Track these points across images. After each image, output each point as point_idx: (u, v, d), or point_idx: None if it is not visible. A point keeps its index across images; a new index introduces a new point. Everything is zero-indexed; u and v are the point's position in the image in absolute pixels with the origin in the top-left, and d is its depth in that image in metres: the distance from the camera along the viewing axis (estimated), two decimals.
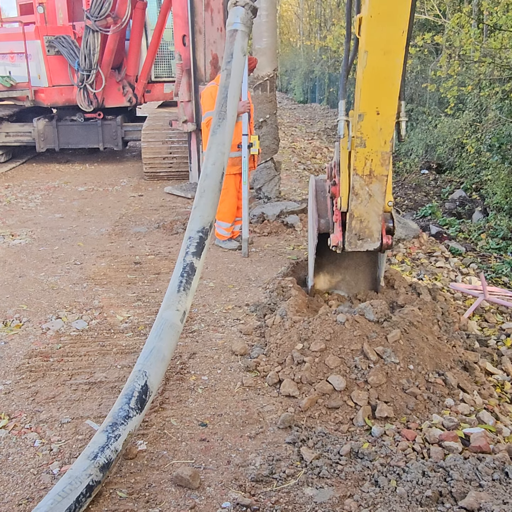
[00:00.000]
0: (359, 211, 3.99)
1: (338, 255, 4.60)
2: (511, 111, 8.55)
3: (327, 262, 4.78)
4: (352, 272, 4.84)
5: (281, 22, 29.90)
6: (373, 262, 4.76)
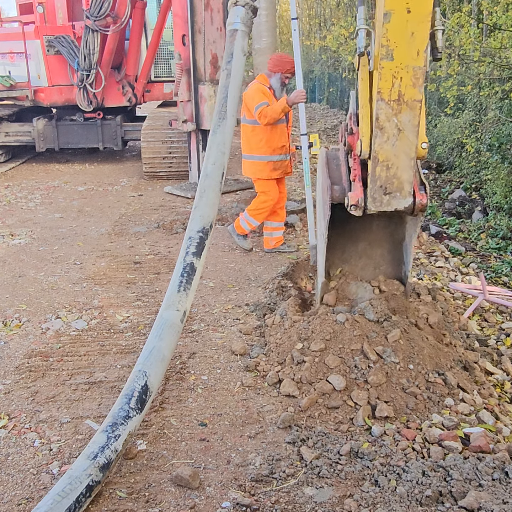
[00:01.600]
0: (385, 152, 3.20)
1: (354, 240, 3.99)
2: (511, 111, 8.55)
3: (339, 261, 4.19)
4: (371, 273, 4.20)
5: (280, 22, 29.88)
6: (398, 247, 4.01)
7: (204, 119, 8.10)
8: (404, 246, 3.93)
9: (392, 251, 4.03)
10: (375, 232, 4.05)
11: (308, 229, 5.30)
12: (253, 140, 5.57)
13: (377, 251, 4.09)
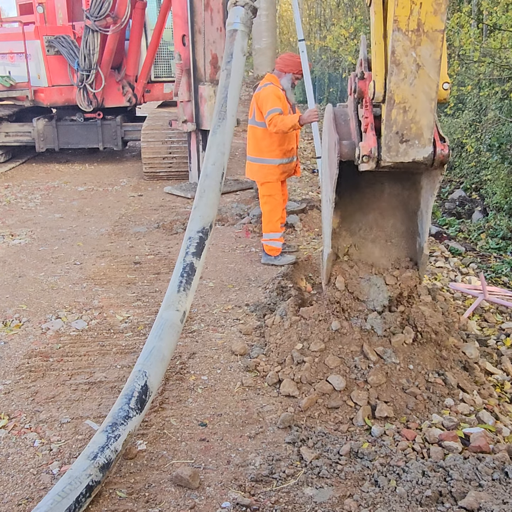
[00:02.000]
0: (401, 92, 2.86)
1: (364, 209, 3.68)
2: (511, 111, 8.54)
3: (347, 233, 3.85)
4: (382, 246, 3.84)
5: (280, 22, 29.87)
6: (412, 216, 3.71)
7: (204, 119, 8.10)
8: (419, 215, 3.63)
9: (406, 221, 3.73)
10: (387, 200, 3.74)
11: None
12: (264, 143, 5.36)
13: (389, 222, 3.78)
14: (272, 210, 5.50)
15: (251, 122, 5.46)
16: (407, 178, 3.40)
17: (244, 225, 6.75)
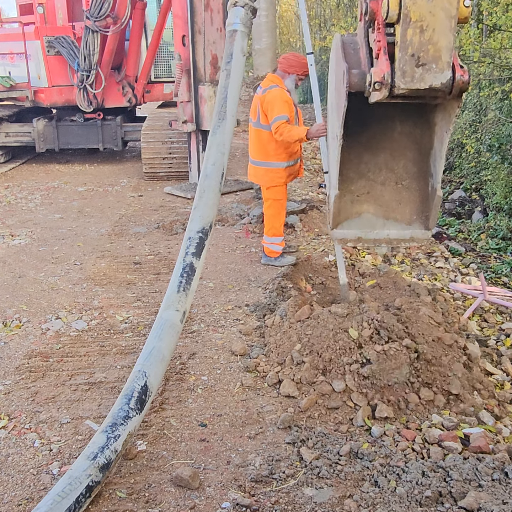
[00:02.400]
0: (418, 9, 2.63)
1: (373, 150, 3.48)
2: (511, 111, 8.55)
3: (355, 175, 3.64)
4: (392, 188, 3.64)
5: (280, 23, 29.86)
6: (424, 156, 3.51)
7: (204, 120, 8.10)
8: (432, 155, 3.45)
9: (418, 161, 3.54)
10: (398, 140, 3.55)
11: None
12: (270, 147, 5.20)
13: (400, 163, 3.60)
14: (277, 214, 5.43)
15: (256, 125, 5.28)
16: (419, 115, 3.20)
17: (244, 225, 6.75)
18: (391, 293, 4.89)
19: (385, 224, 3.58)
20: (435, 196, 3.39)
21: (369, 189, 3.60)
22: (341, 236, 3.63)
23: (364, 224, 3.60)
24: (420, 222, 3.54)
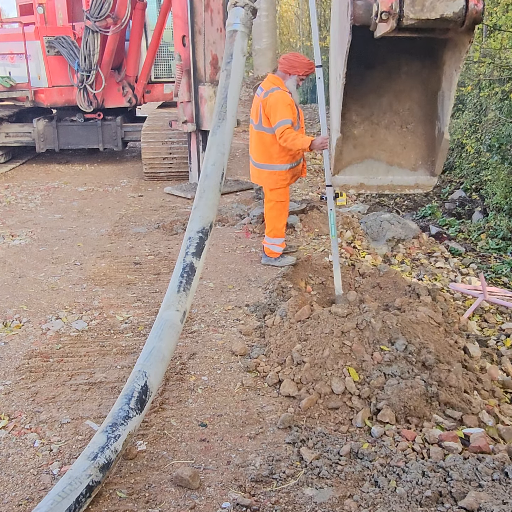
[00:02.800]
0: None
1: (377, 91, 3.31)
2: (511, 112, 8.55)
3: (358, 118, 3.48)
4: (396, 132, 3.46)
5: (280, 23, 29.87)
6: (431, 98, 3.35)
7: (204, 120, 8.10)
8: (439, 96, 3.29)
9: (424, 104, 3.38)
10: (403, 81, 3.38)
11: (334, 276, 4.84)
12: (274, 149, 5.15)
13: (405, 105, 3.45)
14: (279, 216, 5.41)
15: (258, 127, 5.21)
16: (427, 53, 3.04)
17: (244, 225, 6.75)
18: (391, 293, 4.89)
19: (389, 170, 3.47)
20: (442, 139, 3.22)
21: (372, 133, 3.44)
22: (342, 182, 3.52)
23: (367, 170, 3.49)
24: (426, 168, 3.42)
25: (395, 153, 3.40)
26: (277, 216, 5.42)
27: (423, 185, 3.45)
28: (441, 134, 3.24)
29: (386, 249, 6.29)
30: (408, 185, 3.45)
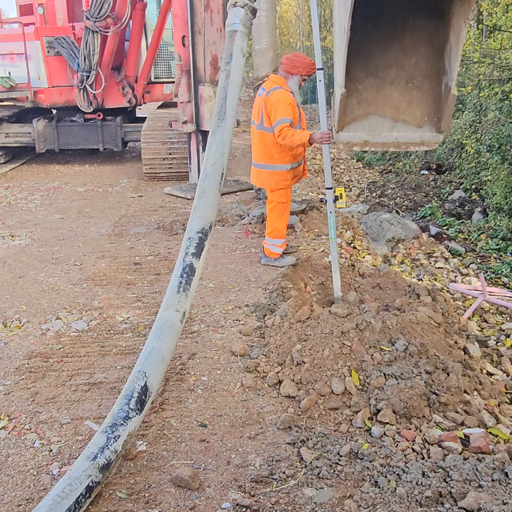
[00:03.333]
0: None
1: (382, 46, 3.23)
2: (511, 112, 8.55)
3: (363, 73, 3.35)
4: (402, 87, 3.36)
5: (280, 23, 29.86)
6: (438, 53, 3.23)
7: (204, 120, 8.10)
8: (447, 50, 3.22)
9: (431, 58, 3.29)
10: (410, 34, 3.30)
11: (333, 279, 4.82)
12: (275, 149, 5.14)
13: (411, 60, 3.34)
14: (280, 217, 5.41)
15: (259, 127, 5.21)
16: (435, 5, 2.96)
17: (244, 225, 6.75)
18: (391, 294, 4.89)
19: (394, 126, 3.39)
20: (449, 95, 3.14)
21: (377, 88, 3.35)
22: (346, 140, 3.44)
23: (371, 127, 3.42)
24: (432, 125, 3.35)
25: (401, 109, 3.32)
26: (278, 217, 5.42)
27: (429, 142, 3.38)
28: (448, 89, 3.15)
29: (386, 250, 6.30)
30: (414, 142, 3.38)
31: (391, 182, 10.48)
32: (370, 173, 11.36)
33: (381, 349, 3.62)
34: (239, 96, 4.29)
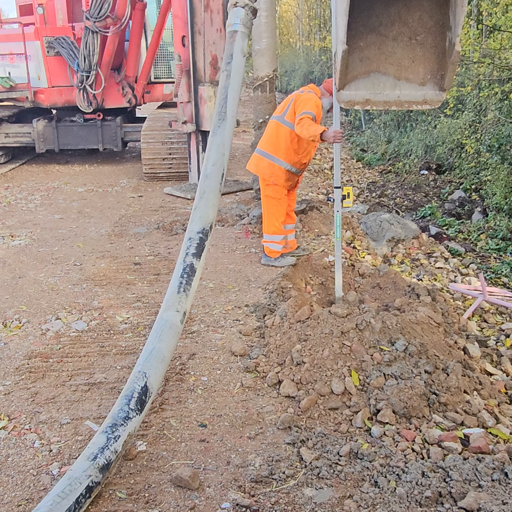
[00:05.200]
0: None
1: (385, 5, 3.13)
2: (511, 112, 8.56)
3: (365, 29, 3.26)
4: (405, 44, 3.26)
5: (280, 23, 29.86)
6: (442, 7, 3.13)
7: (204, 120, 8.11)
8: (451, 4, 3.13)
9: (435, 13, 3.20)
10: None
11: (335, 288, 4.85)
12: (284, 144, 5.24)
13: (415, 15, 3.26)
14: (275, 212, 5.43)
15: (279, 119, 5.32)
16: None
17: (244, 226, 6.75)
18: (391, 294, 4.89)
19: (396, 84, 3.32)
20: (453, 51, 3.08)
21: (379, 45, 3.26)
22: (348, 98, 3.38)
23: (373, 85, 3.34)
24: (435, 82, 3.28)
25: (403, 67, 3.24)
26: (273, 212, 5.45)
27: (432, 101, 3.32)
28: (452, 45, 3.09)
29: (386, 250, 6.30)
30: (416, 100, 3.32)
31: (391, 182, 10.48)
32: (370, 173, 11.36)
33: (381, 349, 3.62)
34: (240, 96, 4.29)
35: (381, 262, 5.95)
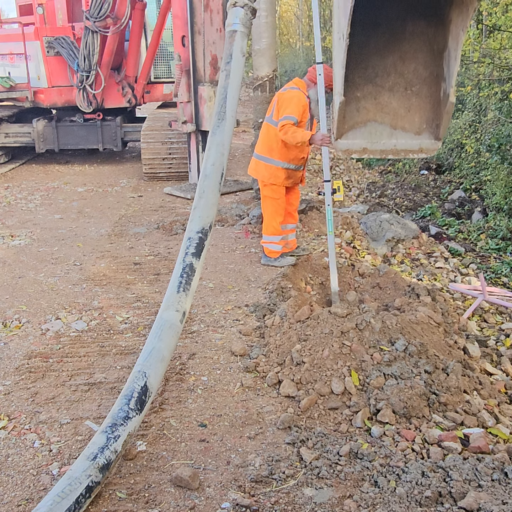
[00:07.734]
0: None
1: (381, 53, 3.25)
2: (510, 112, 8.56)
3: (362, 80, 3.38)
4: (400, 94, 3.37)
5: (280, 23, 29.84)
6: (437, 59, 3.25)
7: (204, 120, 8.11)
8: (445, 57, 3.23)
9: (430, 64, 3.32)
10: (408, 41, 3.33)
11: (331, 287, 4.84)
12: (276, 144, 5.22)
13: (410, 66, 3.37)
14: (273, 213, 5.42)
15: (268, 119, 5.33)
16: (433, 12, 3.02)
17: (243, 225, 6.75)
18: (391, 293, 4.90)
19: (393, 133, 3.41)
20: (447, 102, 3.17)
21: (376, 95, 3.37)
22: (345, 147, 3.46)
23: (370, 134, 3.43)
24: (430, 132, 3.37)
25: (399, 116, 3.34)
26: (272, 212, 5.44)
27: (427, 149, 3.41)
28: (446, 96, 3.19)
29: (386, 249, 6.30)
30: (412, 149, 3.41)
31: (391, 182, 10.48)
32: (369, 173, 11.36)
33: (380, 349, 3.62)
34: (239, 96, 4.29)
35: (381, 262, 5.95)
